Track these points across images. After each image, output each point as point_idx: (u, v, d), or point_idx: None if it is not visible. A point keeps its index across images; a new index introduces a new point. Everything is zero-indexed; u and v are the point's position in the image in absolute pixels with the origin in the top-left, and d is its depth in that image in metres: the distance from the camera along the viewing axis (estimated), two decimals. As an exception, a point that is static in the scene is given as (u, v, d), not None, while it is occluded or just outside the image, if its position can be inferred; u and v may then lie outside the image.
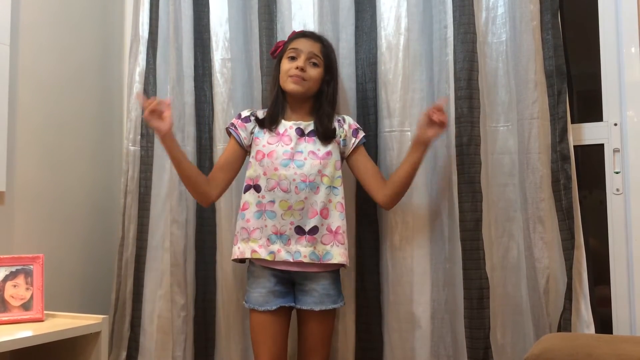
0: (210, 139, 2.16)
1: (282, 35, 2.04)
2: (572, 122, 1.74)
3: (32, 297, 1.84)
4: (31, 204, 2.07)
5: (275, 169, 1.78)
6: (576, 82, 1.86)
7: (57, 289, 2.10)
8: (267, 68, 2.04)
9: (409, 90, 1.90)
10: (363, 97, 2.01)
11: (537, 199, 1.73)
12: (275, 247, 1.76)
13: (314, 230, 1.76)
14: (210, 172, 1.89)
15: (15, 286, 1.83)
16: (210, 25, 2.15)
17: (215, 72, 2.13)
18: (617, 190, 1.78)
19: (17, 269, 1.84)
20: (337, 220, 1.79)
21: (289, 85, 1.81)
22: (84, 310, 2.12)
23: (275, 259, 1.76)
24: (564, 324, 1.67)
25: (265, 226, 1.77)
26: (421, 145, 1.75)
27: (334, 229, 1.78)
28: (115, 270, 2.16)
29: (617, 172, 1.78)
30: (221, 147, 2.10)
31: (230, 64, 2.12)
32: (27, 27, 2.07)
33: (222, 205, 2.08)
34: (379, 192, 1.81)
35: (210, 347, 2.14)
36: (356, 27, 2.02)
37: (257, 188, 1.80)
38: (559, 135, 1.72)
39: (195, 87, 2.17)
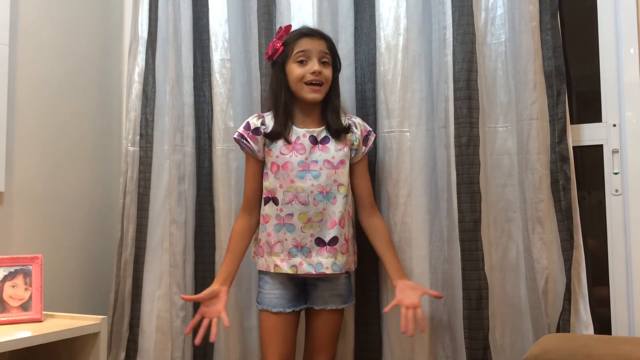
0: (210, 139, 2.15)
1: (282, 36, 2.05)
2: (571, 123, 1.74)
3: (30, 297, 1.83)
4: (30, 204, 2.06)
5: (292, 181, 1.76)
6: (575, 82, 1.86)
7: (56, 290, 2.09)
8: (267, 68, 2.04)
9: (408, 90, 1.90)
10: (362, 97, 2.01)
11: (536, 200, 1.73)
12: (296, 260, 1.75)
13: (334, 240, 1.76)
14: (247, 201, 1.84)
15: (14, 286, 1.83)
16: (209, 25, 2.15)
17: (215, 73, 2.13)
18: (616, 191, 1.78)
19: (15, 270, 1.84)
20: (349, 228, 1.80)
21: (309, 95, 1.76)
22: (83, 310, 2.13)
23: (298, 272, 1.76)
24: (563, 324, 1.67)
25: (286, 240, 1.76)
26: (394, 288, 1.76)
27: (348, 238, 1.79)
28: (114, 271, 2.16)
29: (616, 173, 1.78)
30: (220, 147, 2.10)
31: (229, 64, 2.12)
32: (26, 28, 2.07)
33: (221, 206, 2.08)
34: (361, 215, 1.86)
35: (209, 347, 2.13)
36: (355, 27, 2.02)
37: (275, 201, 1.78)
38: (558, 136, 1.72)
39: (195, 87, 2.17)
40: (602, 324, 1.77)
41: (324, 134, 1.80)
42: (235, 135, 1.82)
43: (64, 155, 2.20)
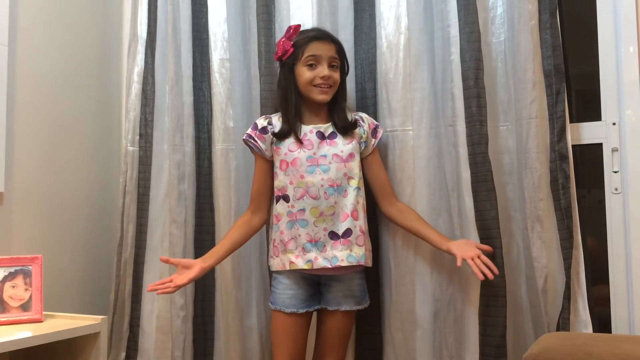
0: (209, 138, 2.15)
1: (281, 35, 2.04)
2: (571, 122, 1.74)
3: (31, 297, 1.84)
4: (30, 204, 2.06)
5: (302, 177, 1.77)
6: (574, 81, 1.86)
7: (56, 290, 2.09)
8: (266, 68, 2.04)
9: (410, 89, 1.90)
10: (362, 96, 2.01)
11: (535, 199, 1.73)
12: (311, 255, 1.76)
13: (348, 233, 1.76)
14: (252, 199, 1.87)
15: (14, 287, 1.83)
16: (208, 25, 2.15)
17: (214, 72, 2.13)
18: (616, 189, 1.78)
19: (15, 270, 1.84)
20: (364, 221, 1.80)
21: (318, 96, 1.78)
22: (83, 310, 2.13)
23: (313, 267, 1.76)
24: (563, 323, 1.67)
25: (299, 235, 1.77)
26: (449, 253, 1.74)
27: (364, 230, 1.79)
28: (114, 271, 2.16)
29: (615, 172, 1.78)
30: (220, 147, 2.10)
31: (228, 64, 2.12)
32: (25, 28, 2.07)
33: (221, 205, 2.08)
34: (384, 206, 1.86)
35: (210, 347, 2.14)
36: (355, 26, 2.02)
37: (286, 198, 1.79)
38: (558, 135, 1.72)
39: (194, 87, 2.17)
40: (602, 323, 1.78)
41: (331, 129, 1.82)
42: (244, 137, 1.85)
43: (64, 155, 2.20)
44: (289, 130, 1.80)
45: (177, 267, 1.79)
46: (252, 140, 1.83)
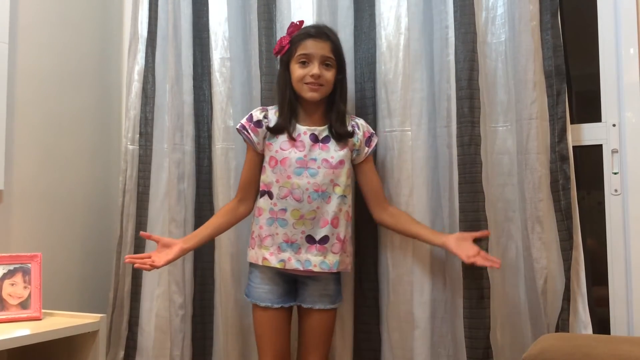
0: (209, 137, 2.15)
1: (282, 34, 2.04)
2: (571, 123, 1.74)
3: (29, 295, 1.84)
4: (29, 202, 2.06)
5: (288, 177, 1.77)
6: (575, 82, 1.86)
7: (55, 288, 2.09)
8: (266, 67, 2.04)
9: (410, 90, 1.90)
10: (362, 96, 2.01)
11: (535, 200, 1.73)
12: (285, 255, 1.77)
13: (325, 239, 1.77)
14: (240, 189, 1.88)
15: (13, 284, 1.83)
16: (209, 24, 2.15)
17: (214, 71, 2.13)
18: (616, 190, 1.78)
19: (15, 268, 1.84)
20: (345, 229, 1.80)
21: (307, 94, 1.78)
22: (82, 309, 2.12)
23: (286, 267, 1.77)
24: (562, 324, 1.67)
25: (277, 234, 1.77)
26: (445, 248, 1.75)
27: (342, 238, 1.79)
28: (114, 269, 2.16)
29: (615, 173, 1.78)
30: (220, 146, 2.10)
31: (229, 63, 2.12)
32: (26, 26, 2.07)
33: (220, 204, 2.08)
34: (377, 212, 1.86)
35: (209, 345, 2.14)
36: (355, 26, 2.02)
37: (270, 195, 1.79)
38: (558, 136, 1.72)
39: (194, 86, 2.17)
40: (601, 324, 1.78)
41: (325, 133, 1.81)
42: (238, 126, 1.85)
43: (64, 154, 2.20)
44: (283, 127, 1.79)
45: (157, 245, 1.80)
46: (245, 132, 1.83)
